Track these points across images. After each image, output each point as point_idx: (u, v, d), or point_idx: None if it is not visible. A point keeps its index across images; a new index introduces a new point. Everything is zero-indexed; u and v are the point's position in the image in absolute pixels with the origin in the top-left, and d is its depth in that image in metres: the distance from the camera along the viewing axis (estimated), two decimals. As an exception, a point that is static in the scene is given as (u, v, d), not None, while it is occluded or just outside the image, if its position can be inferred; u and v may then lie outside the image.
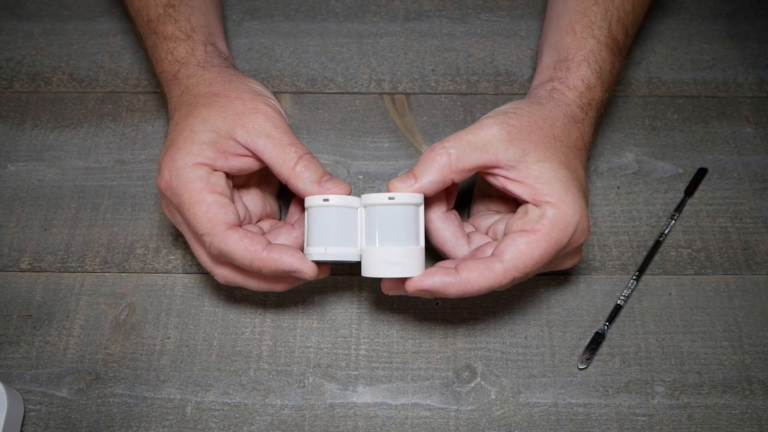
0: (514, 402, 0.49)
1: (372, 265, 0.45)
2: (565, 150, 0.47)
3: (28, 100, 0.62)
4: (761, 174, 0.58)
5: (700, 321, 0.52)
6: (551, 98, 0.49)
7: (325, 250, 0.45)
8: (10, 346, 0.51)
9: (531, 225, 0.44)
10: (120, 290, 0.53)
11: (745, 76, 0.63)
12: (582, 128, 0.49)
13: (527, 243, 0.44)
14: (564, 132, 0.47)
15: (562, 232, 0.44)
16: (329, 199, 0.45)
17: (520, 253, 0.43)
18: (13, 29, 0.66)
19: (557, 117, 0.48)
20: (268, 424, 0.49)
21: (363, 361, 0.51)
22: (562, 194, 0.44)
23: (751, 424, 0.48)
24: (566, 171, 0.46)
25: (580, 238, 0.45)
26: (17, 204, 0.57)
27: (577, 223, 0.45)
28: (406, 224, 0.44)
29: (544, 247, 0.44)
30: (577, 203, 0.45)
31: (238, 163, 0.47)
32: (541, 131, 0.46)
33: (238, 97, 0.48)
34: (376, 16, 0.67)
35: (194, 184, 0.45)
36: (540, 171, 0.45)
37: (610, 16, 0.52)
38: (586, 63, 0.50)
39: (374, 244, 0.45)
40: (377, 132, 0.60)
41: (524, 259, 0.44)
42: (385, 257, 0.44)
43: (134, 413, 0.49)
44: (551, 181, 0.45)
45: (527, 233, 0.44)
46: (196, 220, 0.45)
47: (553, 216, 0.44)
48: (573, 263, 0.49)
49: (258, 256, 0.44)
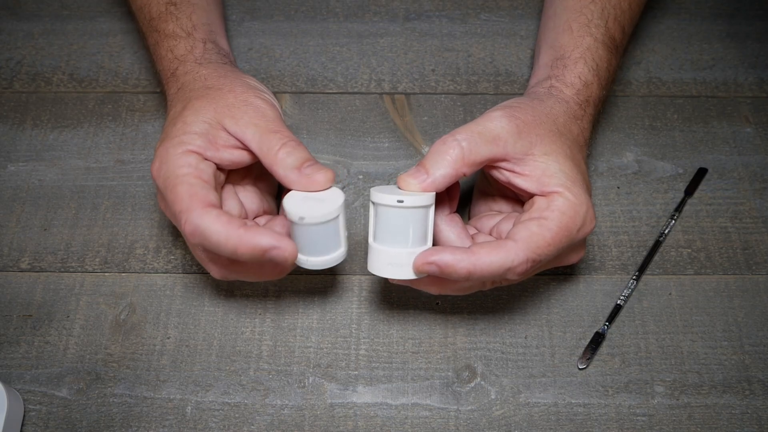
0: (514, 402, 0.49)
1: (379, 264, 0.44)
2: (569, 143, 0.47)
3: (28, 100, 0.62)
4: (761, 174, 0.58)
5: (700, 321, 0.52)
6: (550, 95, 0.49)
7: (306, 260, 0.44)
8: (10, 346, 0.51)
9: (539, 213, 0.44)
10: (120, 290, 0.53)
11: (745, 76, 0.63)
12: (581, 125, 0.49)
13: (539, 225, 0.43)
14: (566, 127, 0.47)
15: (571, 219, 0.44)
16: (304, 217, 0.43)
17: (532, 234, 0.43)
18: (13, 29, 0.66)
19: (558, 113, 0.48)
20: (268, 424, 0.49)
21: (363, 361, 0.51)
22: (569, 185, 0.44)
23: (751, 424, 0.48)
24: (571, 164, 0.46)
25: (588, 228, 0.45)
26: (17, 204, 0.57)
27: (585, 212, 0.44)
28: (414, 227, 0.44)
29: (555, 231, 0.43)
30: (584, 194, 0.45)
31: (229, 155, 0.46)
32: (545, 125, 0.46)
33: (230, 90, 0.48)
34: (376, 16, 0.67)
35: (181, 169, 0.44)
36: (546, 164, 0.45)
37: (606, 15, 0.52)
38: (583, 60, 0.50)
39: (382, 243, 0.44)
40: (377, 132, 0.60)
41: (536, 239, 0.43)
42: (390, 259, 0.44)
43: (134, 413, 0.49)
44: (557, 174, 0.45)
45: (536, 219, 0.44)
46: (177, 199, 0.43)
47: (562, 204, 0.44)
48: (578, 258, 0.48)
49: (234, 233, 0.42)
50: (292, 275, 0.54)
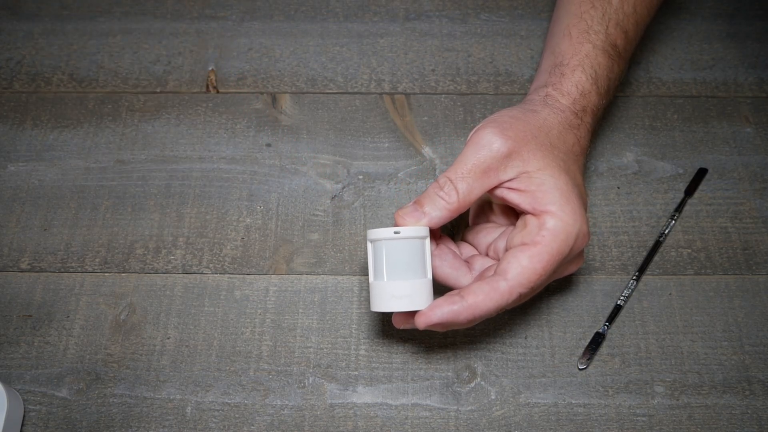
0: (514, 402, 0.49)
1: (380, 300, 0.45)
2: (563, 156, 0.47)
3: (28, 100, 0.62)
4: (761, 174, 0.58)
5: (700, 321, 0.52)
6: (546, 104, 0.49)
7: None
8: (10, 346, 0.51)
9: (531, 237, 0.44)
10: (120, 290, 0.53)
11: (745, 76, 0.63)
12: (578, 134, 0.48)
13: (529, 257, 0.43)
14: (560, 139, 0.47)
15: (563, 242, 0.44)
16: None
17: (523, 269, 0.43)
18: (13, 29, 0.66)
19: (552, 124, 0.47)
20: (268, 424, 0.49)
21: (363, 361, 0.51)
22: (563, 203, 0.44)
23: (751, 424, 0.48)
24: (566, 177, 0.45)
25: (581, 244, 0.45)
26: (17, 204, 0.57)
27: (577, 231, 0.44)
28: (412, 258, 0.44)
29: (546, 260, 0.43)
30: (577, 211, 0.45)
31: None
32: (537, 139, 0.46)
33: None
34: (376, 16, 0.67)
35: None
36: (541, 179, 0.45)
37: (607, 20, 0.52)
38: (581, 68, 0.50)
39: (382, 278, 0.45)
40: (377, 132, 0.60)
41: (527, 274, 0.43)
42: (392, 292, 0.44)
43: (134, 413, 0.49)
44: (551, 190, 0.45)
45: (528, 247, 0.44)
46: None
47: (554, 226, 0.44)
48: (575, 268, 0.49)
49: None
50: (292, 275, 0.54)
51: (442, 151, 0.59)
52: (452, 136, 0.60)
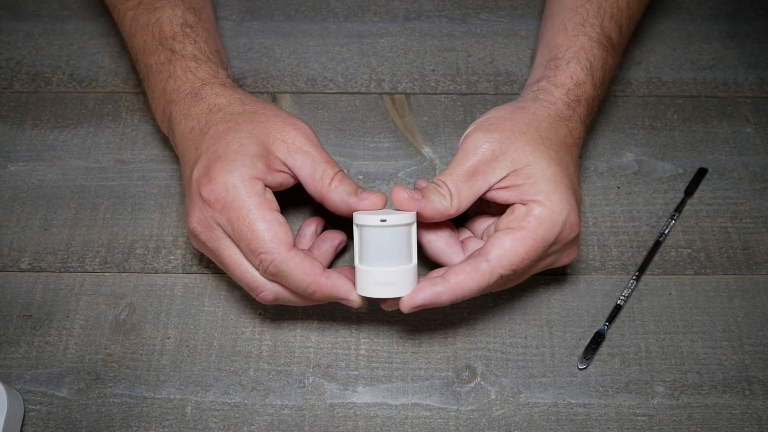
0: (514, 402, 0.49)
1: (365, 285, 0.45)
2: (555, 147, 0.47)
3: (28, 100, 0.62)
4: (761, 174, 0.58)
5: (700, 321, 0.52)
6: (536, 100, 0.49)
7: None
8: (10, 346, 0.51)
9: (517, 222, 0.45)
10: (120, 290, 0.53)
11: (745, 76, 0.63)
12: (570, 125, 0.49)
13: (512, 240, 0.44)
14: (551, 131, 0.48)
15: (548, 229, 0.44)
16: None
17: (505, 251, 0.44)
18: (13, 29, 0.66)
19: (542, 117, 0.48)
20: (268, 424, 0.49)
21: (363, 361, 0.51)
22: (550, 192, 0.45)
23: (751, 424, 0.48)
24: (556, 168, 0.46)
25: (569, 234, 0.46)
26: (17, 204, 0.57)
27: (564, 219, 0.45)
28: (398, 245, 0.45)
29: (530, 245, 0.44)
30: (565, 200, 0.45)
31: (279, 178, 0.47)
32: (526, 135, 0.47)
33: (275, 115, 0.49)
34: (376, 16, 0.67)
35: (253, 200, 0.44)
36: (528, 173, 0.45)
37: (602, 13, 0.52)
38: (576, 59, 0.50)
39: (367, 264, 0.45)
40: (377, 132, 0.60)
41: (509, 257, 0.44)
42: (377, 278, 0.44)
43: (134, 413, 0.49)
44: (539, 181, 0.45)
45: (513, 231, 0.44)
46: (257, 238, 0.44)
47: (539, 213, 0.44)
48: (570, 259, 0.49)
49: (316, 281, 0.45)
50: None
51: (442, 151, 0.59)
52: (452, 136, 0.60)
